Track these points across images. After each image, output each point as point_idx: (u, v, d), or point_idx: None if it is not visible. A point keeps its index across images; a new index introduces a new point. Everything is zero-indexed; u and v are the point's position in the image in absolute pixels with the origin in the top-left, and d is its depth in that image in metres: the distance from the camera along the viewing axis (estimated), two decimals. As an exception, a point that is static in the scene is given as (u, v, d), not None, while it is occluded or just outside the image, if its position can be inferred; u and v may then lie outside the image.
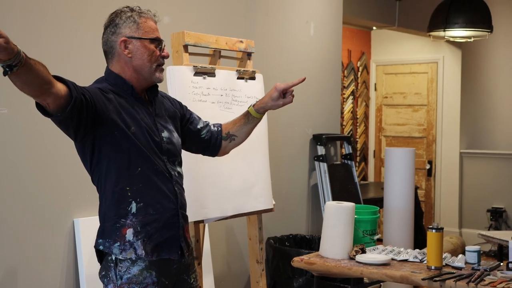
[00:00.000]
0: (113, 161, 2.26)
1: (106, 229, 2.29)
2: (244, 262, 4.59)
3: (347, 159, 5.66)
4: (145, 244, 2.26)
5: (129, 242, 2.26)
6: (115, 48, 2.32)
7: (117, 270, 2.26)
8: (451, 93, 8.14)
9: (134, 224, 2.26)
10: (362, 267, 3.21)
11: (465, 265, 3.18)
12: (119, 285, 2.26)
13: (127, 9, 2.35)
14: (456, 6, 5.96)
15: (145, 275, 2.27)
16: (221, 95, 3.61)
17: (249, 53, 3.87)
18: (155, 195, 2.30)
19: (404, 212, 4.46)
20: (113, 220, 2.27)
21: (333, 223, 3.40)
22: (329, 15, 5.52)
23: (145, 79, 2.35)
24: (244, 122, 2.66)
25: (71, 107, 2.11)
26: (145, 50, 2.31)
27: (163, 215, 2.31)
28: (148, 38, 2.32)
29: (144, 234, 2.27)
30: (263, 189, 3.79)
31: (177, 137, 2.47)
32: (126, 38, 2.30)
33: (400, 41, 8.34)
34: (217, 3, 4.41)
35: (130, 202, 2.26)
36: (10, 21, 3.22)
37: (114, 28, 2.32)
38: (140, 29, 2.31)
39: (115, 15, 2.34)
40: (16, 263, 3.23)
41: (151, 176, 2.29)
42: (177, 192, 2.37)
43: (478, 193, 7.94)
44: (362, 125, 8.40)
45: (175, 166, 2.41)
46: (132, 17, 2.32)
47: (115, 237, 2.26)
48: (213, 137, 2.66)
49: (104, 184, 2.29)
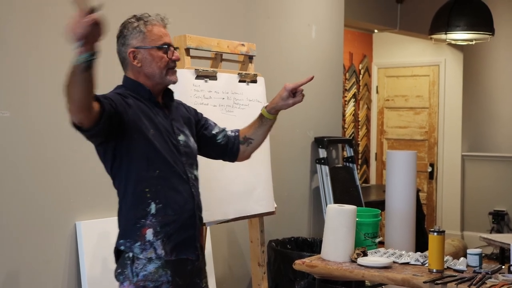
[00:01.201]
0: (133, 164, 2.33)
1: (127, 229, 2.36)
2: (245, 265, 4.59)
3: (348, 162, 5.66)
4: (164, 244, 2.34)
5: (149, 242, 2.32)
6: (126, 59, 2.43)
7: (133, 267, 2.33)
8: (452, 96, 8.14)
9: (153, 225, 2.33)
10: (364, 270, 3.21)
11: (467, 268, 3.18)
12: (135, 282, 2.32)
13: (133, 19, 2.41)
14: (457, 9, 5.96)
15: (161, 273, 2.33)
16: (223, 98, 3.61)
17: (251, 56, 3.88)
18: (173, 196, 2.37)
19: (406, 215, 4.46)
20: (133, 221, 2.34)
21: (334, 226, 3.40)
22: (330, 18, 5.53)
23: (159, 83, 2.44)
24: (259, 125, 2.69)
25: (104, 119, 2.17)
26: (152, 58, 2.40)
27: (181, 216, 2.38)
28: (154, 47, 2.38)
29: (163, 234, 2.34)
30: (264, 192, 3.79)
31: (193, 142, 2.54)
32: (134, 49, 2.39)
33: (402, 44, 8.35)
34: (218, 6, 4.41)
35: (150, 203, 2.33)
36: (10, 23, 3.23)
37: (123, 40, 2.42)
38: (147, 38, 2.38)
39: (123, 27, 2.43)
40: (18, 266, 3.24)
41: (169, 178, 2.37)
42: (194, 194, 2.44)
43: (480, 196, 7.94)
44: (363, 127, 8.40)
45: (192, 169, 2.48)
46: (138, 27, 2.39)
47: (135, 237, 2.33)
48: (230, 142, 2.70)
49: (124, 187, 2.37)
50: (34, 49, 3.31)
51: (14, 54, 3.23)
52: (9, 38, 3.22)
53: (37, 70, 3.32)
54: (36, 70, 3.32)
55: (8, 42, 3.21)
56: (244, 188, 3.64)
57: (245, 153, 2.75)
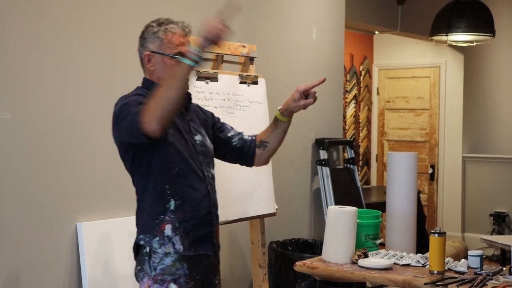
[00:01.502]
0: (154, 163, 2.40)
1: (146, 225, 2.43)
2: (246, 266, 4.59)
3: (349, 163, 5.66)
4: (183, 240, 2.41)
5: (168, 237, 2.40)
6: (142, 59, 2.52)
7: (151, 262, 2.41)
8: (453, 97, 8.14)
9: (172, 220, 2.41)
10: (365, 271, 3.21)
11: (468, 270, 3.18)
12: (153, 277, 2.40)
13: (155, 24, 2.49)
14: (458, 10, 5.96)
15: (178, 266, 2.40)
16: (224, 100, 3.61)
17: (252, 58, 3.88)
18: (191, 193, 2.44)
19: (407, 216, 4.46)
20: (152, 217, 2.41)
21: (335, 228, 3.40)
22: (331, 20, 5.53)
23: None
24: (273, 128, 2.71)
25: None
26: (165, 65, 2.48)
27: (199, 213, 2.46)
28: (168, 55, 2.46)
29: (182, 230, 2.41)
30: (265, 194, 3.79)
31: (210, 142, 2.61)
32: (149, 52, 2.48)
33: (403, 45, 8.35)
34: (218, 7, 4.40)
35: (169, 199, 2.41)
36: (10, 24, 3.23)
37: (142, 42, 2.51)
38: (163, 45, 2.46)
39: (145, 29, 2.51)
40: (19, 267, 3.24)
41: (188, 175, 2.44)
42: (210, 192, 2.52)
43: (481, 197, 7.93)
44: (364, 129, 8.40)
45: (209, 168, 2.55)
46: (157, 33, 2.47)
47: (154, 232, 2.40)
48: (246, 145, 2.72)
49: (144, 184, 2.44)
50: (34, 50, 3.32)
51: (14, 55, 3.24)
52: (9, 39, 3.22)
53: (38, 71, 3.33)
54: (36, 71, 3.32)
55: (8, 43, 3.21)
56: (245, 190, 3.64)
57: (262, 157, 2.75)
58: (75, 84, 3.49)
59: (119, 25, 3.71)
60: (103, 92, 3.62)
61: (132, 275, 3.56)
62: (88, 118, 3.53)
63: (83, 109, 3.51)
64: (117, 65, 3.70)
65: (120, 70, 3.71)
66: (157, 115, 2.19)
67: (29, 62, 3.29)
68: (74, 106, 3.48)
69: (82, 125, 3.51)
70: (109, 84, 3.66)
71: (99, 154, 3.57)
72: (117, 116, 2.37)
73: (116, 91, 3.63)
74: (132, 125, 2.25)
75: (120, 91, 3.62)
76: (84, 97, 3.52)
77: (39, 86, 3.33)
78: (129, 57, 3.73)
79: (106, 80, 3.65)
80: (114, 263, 3.53)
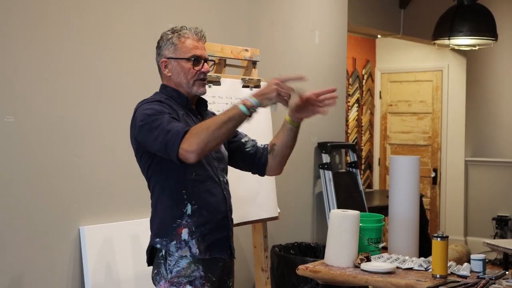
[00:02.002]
0: (171, 168, 2.42)
1: (163, 229, 2.46)
2: (249, 270, 4.59)
3: (352, 167, 5.66)
4: (199, 243, 2.45)
5: (185, 241, 2.44)
6: (160, 68, 2.58)
7: (166, 265, 2.45)
8: (456, 101, 8.14)
9: (189, 225, 2.45)
10: (367, 275, 3.21)
11: (470, 274, 3.17)
12: (169, 279, 2.44)
13: (170, 32, 2.56)
14: (460, 14, 5.97)
15: (193, 268, 2.44)
16: (226, 104, 3.62)
17: (254, 62, 3.89)
18: (208, 198, 2.49)
19: (409, 220, 4.45)
20: (169, 221, 2.46)
21: (338, 231, 3.40)
22: (334, 24, 5.54)
23: (187, 92, 2.56)
24: (281, 130, 2.65)
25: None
26: (181, 69, 2.52)
27: (215, 217, 2.51)
28: (183, 58, 2.51)
29: (198, 234, 2.46)
30: (268, 197, 3.79)
31: (224, 149, 2.65)
32: (165, 59, 2.54)
33: (405, 49, 8.35)
34: (222, 12, 4.42)
35: (186, 204, 2.45)
36: (14, 29, 3.24)
37: (158, 50, 2.57)
38: (178, 50, 2.52)
39: (160, 38, 2.58)
40: (22, 270, 3.24)
41: (204, 180, 2.49)
42: (226, 197, 2.57)
43: (483, 201, 7.93)
44: (367, 133, 8.40)
45: (224, 173, 2.60)
46: (171, 39, 2.53)
47: (171, 236, 2.45)
48: (259, 152, 2.69)
49: (161, 188, 2.48)
50: (37, 54, 3.33)
51: (17, 59, 3.24)
52: (12, 43, 3.23)
53: (41, 75, 3.33)
54: (39, 76, 3.33)
55: (11, 47, 3.22)
56: (248, 193, 3.64)
57: (273, 164, 2.68)
58: (78, 88, 3.49)
59: (123, 29, 3.72)
60: (106, 97, 3.63)
61: (134, 278, 3.58)
62: (91, 122, 3.54)
63: (86, 113, 3.52)
64: (120, 70, 3.71)
65: (123, 75, 3.72)
66: (200, 147, 2.24)
67: (32, 66, 3.30)
68: (77, 110, 3.48)
69: (85, 129, 3.51)
70: (112, 89, 3.67)
71: (102, 158, 3.57)
72: (148, 123, 2.34)
73: (120, 96, 3.65)
74: (171, 144, 2.27)
75: (123, 96, 3.64)
76: (87, 101, 3.53)
77: (42, 90, 3.34)
78: (133, 62, 3.75)
79: (109, 84, 3.66)
80: (117, 267, 3.54)
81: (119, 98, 3.66)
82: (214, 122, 2.28)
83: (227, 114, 2.29)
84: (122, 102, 3.63)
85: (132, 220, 3.67)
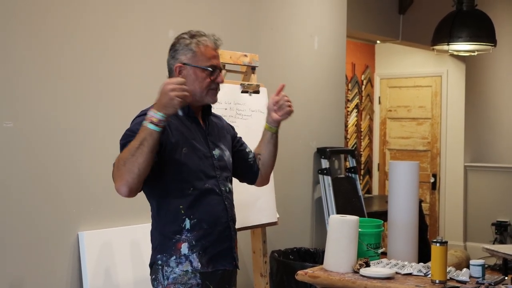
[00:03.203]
0: (167, 183, 2.40)
1: (163, 245, 2.43)
2: (248, 275, 4.58)
3: (351, 172, 5.66)
4: (200, 257, 2.42)
5: (185, 256, 2.40)
6: (173, 71, 2.48)
7: (163, 271, 2.41)
8: (455, 106, 8.14)
9: (189, 239, 2.41)
10: (366, 280, 3.21)
11: (470, 279, 3.17)
12: (165, 286, 2.40)
13: (187, 36, 2.48)
14: (460, 20, 5.98)
15: (190, 275, 2.40)
16: (225, 109, 3.62)
17: (253, 67, 3.89)
18: (208, 211, 2.44)
19: (409, 225, 4.45)
20: (168, 236, 2.42)
21: (337, 237, 3.40)
22: (333, 29, 5.55)
23: (198, 101, 2.50)
24: (261, 140, 2.73)
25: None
26: (196, 77, 2.46)
27: (215, 229, 2.46)
28: (200, 67, 2.45)
29: (199, 248, 2.42)
30: (267, 202, 3.79)
31: (229, 155, 2.61)
32: (181, 64, 2.46)
33: (404, 54, 8.36)
34: (221, 17, 4.43)
35: (184, 219, 2.41)
36: (13, 34, 3.25)
37: (173, 53, 2.49)
38: (195, 57, 2.45)
39: (177, 40, 2.50)
40: (21, 276, 3.24)
41: (203, 193, 2.43)
42: (227, 207, 2.51)
43: (483, 206, 7.92)
44: (366, 138, 8.40)
45: (226, 182, 2.55)
46: (190, 45, 2.46)
47: (171, 252, 2.41)
48: (255, 163, 2.73)
49: (158, 204, 2.45)
50: (36, 59, 3.33)
51: (16, 64, 3.25)
52: (12, 49, 3.23)
53: (40, 80, 3.34)
54: (38, 80, 3.33)
55: (11, 53, 3.22)
56: (247, 198, 3.64)
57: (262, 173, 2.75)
58: (77, 93, 3.49)
59: (123, 34, 3.72)
60: (105, 101, 3.63)
61: (133, 284, 3.57)
62: (90, 127, 3.54)
63: (85, 119, 3.52)
64: (120, 74, 3.71)
65: (124, 79, 3.72)
66: (125, 182, 2.22)
67: (31, 71, 3.30)
68: (77, 115, 3.48)
69: (84, 135, 3.51)
70: (112, 94, 3.67)
71: (101, 163, 3.57)
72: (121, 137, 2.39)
73: (120, 101, 3.65)
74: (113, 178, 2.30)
75: (123, 101, 3.64)
76: (87, 106, 3.53)
77: (41, 96, 3.34)
78: (133, 67, 3.75)
79: (109, 89, 3.66)
80: (116, 272, 3.53)
81: (119, 103, 3.66)
82: (129, 151, 2.20)
83: (138, 139, 2.20)
84: (122, 107, 3.63)
85: (131, 225, 3.67)
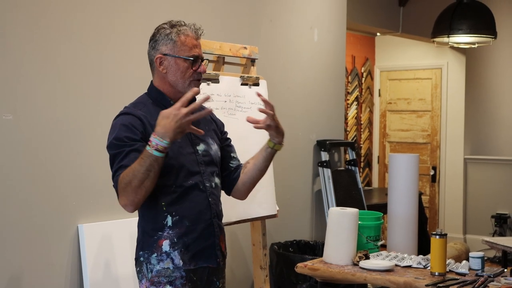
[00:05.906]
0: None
1: (145, 242, 2.42)
2: (247, 268, 4.59)
3: (351, 165, 5.66)
4: (182, 254, 2.38)
5: (166, 253, 2.37)
6: (153, 62, 2.44)
7: (147, 264, 2.39)
8: (455, 99, 8.14)
9: (170, 236, 2.37)
10: (366, 273, 3.21)
11: (469, 272, 3.18)
12: (149, 279, 2.39)
13: (167, 26, 2.43)
14: (460, 12, 5.97)
15: (173, 270, 2.37)
16: (225, 101, 3.61)
17: (253, 59, 3.88)
18: (190, 207, 2.39)
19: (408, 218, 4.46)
20: (150, 233, 2.40)
21: (336, 229, 3.40)
22: (332, 21, 5.53)
23: (181, 92, 2.41)
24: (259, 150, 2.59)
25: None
26: (178, 67, 2.40)
27: (198, 226, 2.41)
28: (182, 57, 2.39)
29: (181, 245, 2.38)
30: (267, 195, 3.79)
31: (216, 149, 2.53)
32: (161, 55, 2.40)
33: (404, 47, 8.35)
34: (221, 9, 4.42)
35: (166, 216, 2.38)
36: (13, 27, 3.24)
37: (154, 44, 2.43)
38: (176, 47, 2.40)
39: (157, 31, 2.44)
40: (20, 269, 3.24)
41: (185, 190, 2.39)
42: (211, 203, 2.44)
43: (483, 199, 7.93)
44: (366, 131, 8.40)
45: (212, 177, 2.48)
46: (170, 34, 2.40)
47: (152, 249, 2.39)
48: (237, 171, 2.62)
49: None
50: (36, 52, 3.32)
51: (16, 57, 3.24)
52: (11, 42, 3.23)
53: (40, 73, 3.33)
54: (38, 73, 3.32)
55: (10, 45, 3.22)
56: (246, 191, 3.63)
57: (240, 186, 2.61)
58: (77, 86, 3.49)
59: (123, 28, 3.72)
60: (105, 95, 3.63)
61: (133, 277, 3.57)
62: (89, 120, 3.54)
63: (84, 111, 3.52)
64: (120, 69, 3.71)
65: (123, 73, 3.72)
66: (130, 202, 2.26)
67: (31, 64, 3.29)
68: (76, 108, 3.48)
69: (84, 127, 3.51)
70: (111, 87, 3.67)
71: (101, 156, 3.56)
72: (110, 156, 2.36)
73: (119, 94, 3.65)
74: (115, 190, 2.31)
75: (122, 95, 3.64)
76: (86, 100, 3.52)
77: (41, 88, 3.33)
78: (133, 60, 3.74)
79: (108, 82, 3.65)
80: (115, 265, 3.53)
81: (118, 95, 3.66)
82: (134, 175, 2.21)
83: (144, 165, 2.19)
84: (120, 100, 3.60)
85: (130, 218, 3.66)
